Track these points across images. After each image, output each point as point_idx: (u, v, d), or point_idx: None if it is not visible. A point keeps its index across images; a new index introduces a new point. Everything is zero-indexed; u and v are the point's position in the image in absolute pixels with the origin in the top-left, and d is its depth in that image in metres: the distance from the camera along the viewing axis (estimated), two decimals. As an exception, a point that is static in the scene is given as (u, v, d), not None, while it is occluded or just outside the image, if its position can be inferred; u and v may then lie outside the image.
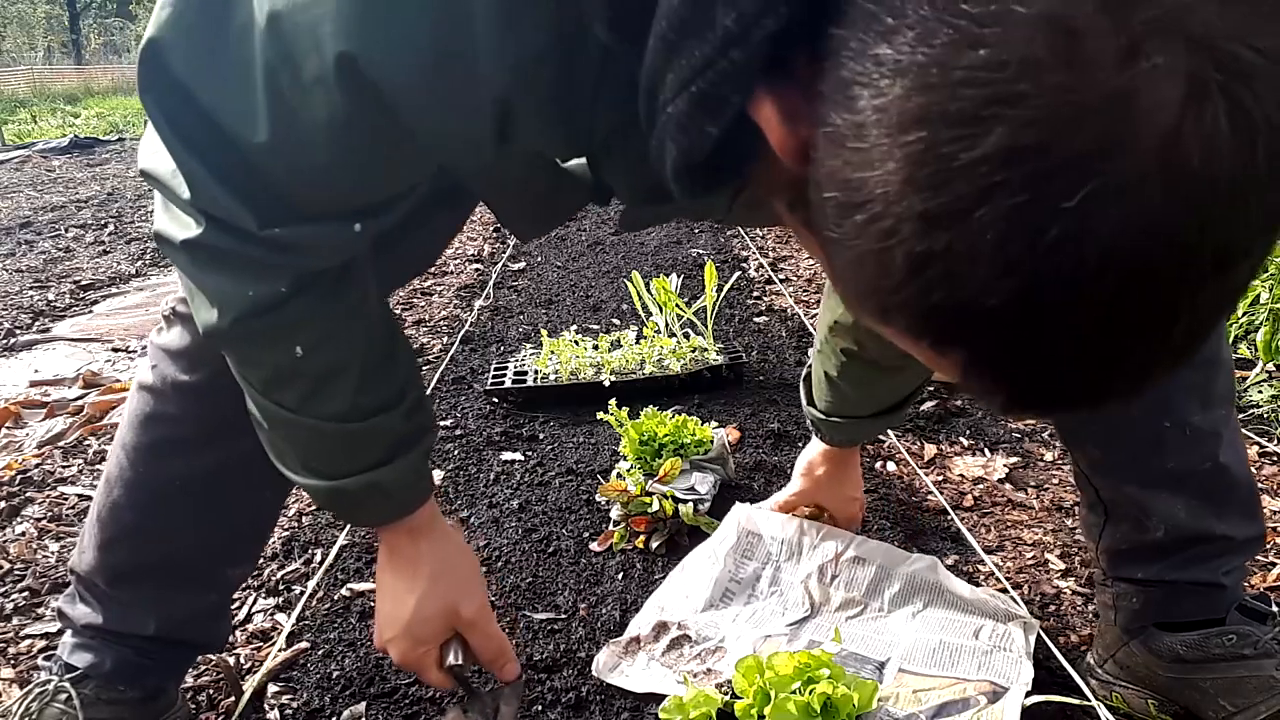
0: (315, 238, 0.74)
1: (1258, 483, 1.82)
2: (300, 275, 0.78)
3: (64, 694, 1.05)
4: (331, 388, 0.86)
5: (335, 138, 0.64)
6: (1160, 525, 1.11)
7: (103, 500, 1.08)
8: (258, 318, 0.79)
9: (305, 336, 0.82)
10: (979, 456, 1.96)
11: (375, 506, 0.95)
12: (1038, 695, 1.12)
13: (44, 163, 8.04)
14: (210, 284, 0.79)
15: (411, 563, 0.99)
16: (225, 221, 0.72)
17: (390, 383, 0.91)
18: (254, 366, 0.86)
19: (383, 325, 0.92)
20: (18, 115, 13.65)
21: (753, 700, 1.09)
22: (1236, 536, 1.11)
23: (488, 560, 1.56)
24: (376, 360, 0.90)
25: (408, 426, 0.93)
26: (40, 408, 2.41)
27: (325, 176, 0.69)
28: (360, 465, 0.91)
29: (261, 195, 0.69)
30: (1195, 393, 1.08)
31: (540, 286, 3.47)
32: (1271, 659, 1.08)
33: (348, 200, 0.74)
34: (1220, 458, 1.09)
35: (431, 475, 1.01)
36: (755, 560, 1.42)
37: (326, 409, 0.86)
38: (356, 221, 0.74)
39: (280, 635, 1.37)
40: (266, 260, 0.75)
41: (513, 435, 2.09)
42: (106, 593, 1.09)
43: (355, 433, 0.88)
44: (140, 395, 1.06)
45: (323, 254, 0.78)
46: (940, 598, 1.32)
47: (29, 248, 4.50)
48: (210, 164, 0.68)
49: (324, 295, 0.82)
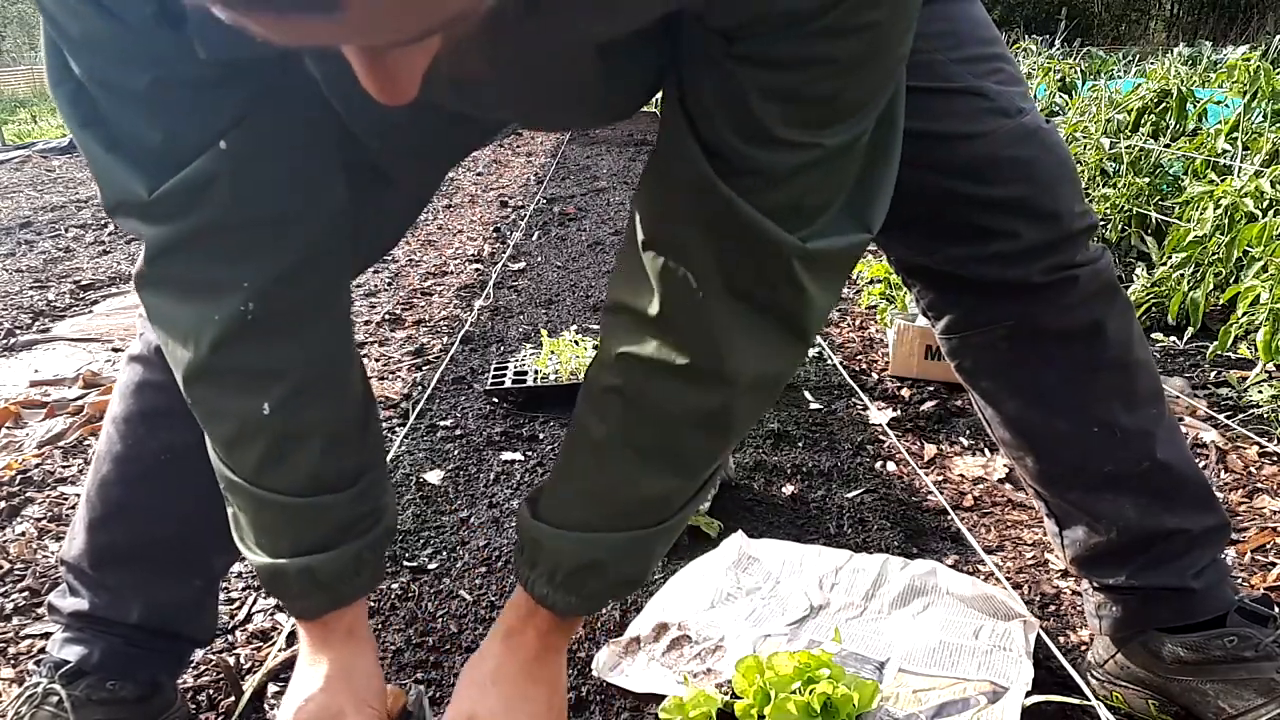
0: (197, 177, 0.72)
1: (1259, 481, 1.82)
2: (252, 288, 0.78)
3: (55, 696, 1.04)
4: (292, 454, 0.85)
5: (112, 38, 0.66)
6: (1111, 527, 1.11)
7: (92, 480, 1.10)
8: (231, 347, 0.79)
9: (277, 391, 0.82)
10: (979, 456, 1.96)
11: (305, 595, 0.90)
12: (1038, 695, 1.12)
13: (44, 163, 8.04)
14: (176, 316, 0.81)
15: (315, 662, 0.92)
16: (128, 204, 0.74)
17: (349, 460, 0.89)
18: (220, 419, 0.85)
19: (358, 397, 0.91)
20: (18, 115, 13.66)
21: (753, 700, 1.09)
22: (1192, 529, 1.11)
23: (488, 560, 1.56)
24: (342, 432, 0.88)
25: (356, 511, 0.90)
26: (40, 408, 2.41)
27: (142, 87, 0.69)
28: (300, 547, 0.88)
29: (133, 154, 0.72)
30: (1118, 396, 1.09)
31: (540, 286, 3.47)
32: (1272, 661, 1.08)
33: (179, 123, 0.72)
34: (1158, 455, 1.09)
35: (377, 572, 0.95)
36: (754, 576, 1.42)
37: (281, 480, 0.85)
38: (219, 139, 0.72)
39: (280, 635, 1.37)
40: (187, 242, 0.76)
41: (513, 435, 2.09)
42: (92, 577, 1.09)
43: (300, 509, 0.86)
44: (129, 367, 1.08)
45: (221, 200, 0.75)
46: (940, 599, 1.32)
47: (29, 248, 4.49)
48: (99, 139, 0.72)
49: (294, 332, 0.81)
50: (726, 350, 0.76)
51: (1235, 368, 2.38)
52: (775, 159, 0.69)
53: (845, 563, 1.42)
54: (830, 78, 0.66)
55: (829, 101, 0.67)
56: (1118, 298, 1.09)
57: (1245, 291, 2.13)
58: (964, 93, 0.98)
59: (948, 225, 1.04)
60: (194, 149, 0.72)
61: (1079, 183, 1.07)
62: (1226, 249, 2.35)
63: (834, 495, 1.78)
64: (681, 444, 0.82)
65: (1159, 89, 3.17)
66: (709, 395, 0.79)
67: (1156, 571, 1.12)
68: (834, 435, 2.06)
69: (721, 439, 0.84)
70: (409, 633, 1.37)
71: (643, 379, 0.79)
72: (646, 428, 0.81)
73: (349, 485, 0.89)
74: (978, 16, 1.03)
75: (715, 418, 0.81)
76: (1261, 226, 2.19)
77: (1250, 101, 2.84)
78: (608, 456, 0.83)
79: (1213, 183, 2.54)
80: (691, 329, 0.76)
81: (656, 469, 0.83)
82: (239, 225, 0.76)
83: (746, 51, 0.65)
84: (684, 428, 0.81)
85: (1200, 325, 2.46)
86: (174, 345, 0.82)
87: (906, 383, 2.38)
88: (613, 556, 0.86)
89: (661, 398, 0.79)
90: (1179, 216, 2.70)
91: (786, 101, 0.66)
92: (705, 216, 0.72)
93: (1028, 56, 5.02)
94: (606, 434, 0.83)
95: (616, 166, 6.54)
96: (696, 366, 0.77)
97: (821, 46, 0.63)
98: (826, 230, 0.74)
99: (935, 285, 1.12)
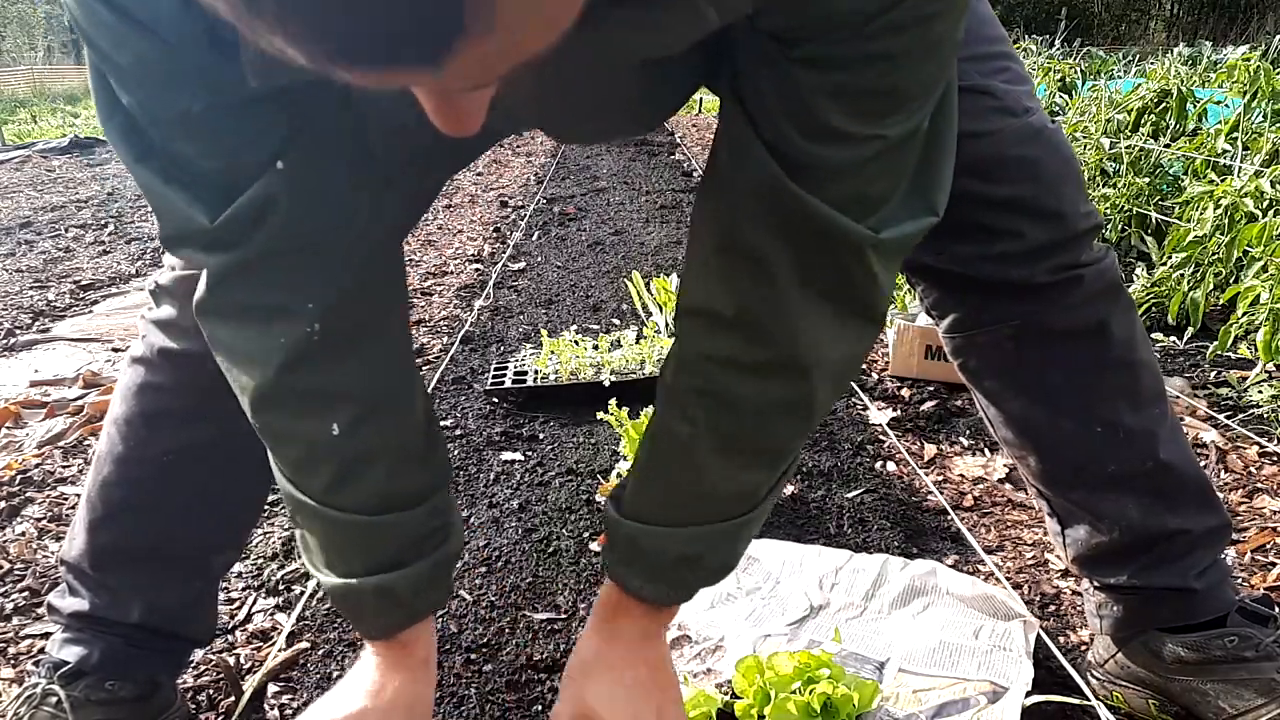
0: (257, 201, 0.71)
1: (1259, 481, 1.82)
2: (317, 310, 0.77)
3: (53, 697, 1.04)
4: (362, 474, 0.84)
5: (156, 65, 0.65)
6: (1114, 527, 1.11)
7: (93, 480, 1.09)
8: (298, 370, 0.78)
9: (345, 412, 0.81)
10: (979, 456, 1.96)
11: (378, 612, 0.90)
12: (1038, 695, 1.12)
13: (44, 163, 8.03)
14: (240, 342, 0.80)
15: (381, 681, 0.91)
16: (189, 235, 0.73)
17: (418, 477, 0.89)
18: (289, 443, 0.84)
19: (422, 413, 0.90)
20: (18, 115, 13.64)
21: (753, 700, 1.09)
22: (1194, 529, 1.11)
23: (488, 560, 1.56)
24: (410, 449, 0.88)
25: (427, 527, 0.90)
26: (40, 408, 2.41)
27: (194, 121, 0.68)
28: (373, 565, 0.87)
29: (191, 183, 0.71)
30: (1122, 395, 1.09)
31: (540, 286, 3.47)
32: (1272, 662, 1.08)
33: (235, 148, 0.71)
34: (1161, 455, 1.09)
35: (447, 587, 0.94)
36: (754, 576, 1.42)
37: (352, 499, 0.84)
38: (276, 160, 0.71)
39: (280, 635, 1.37)
40: (250, 268, 0.75)
41: (513, 435, 2.09)
42: (93, 578, 1.09)
43: (372, 527, 0.86)
44: (131, 369, 1.08)
45: (281, 221, 0.74)
46: (940, 599, 1.32)
47: (29, 248, 4.49)
48: (156, 171, 0.71)
49: (358, 351, 0.81)
50: (806, 343, 0.78)
51: (1235, 368, 2.38)
52: (839, 154, 0.70)
53: (845, 563, 1.42)
54: (891, 72, 0.66)
55: (889, 94, 0.67)
56: (1122, 297, 1.09)
57: (1245, 291, 2.13)
58: (971, 91, 0.98)
59: (952, 224, 1.04)
60: (252, 172, 0.71)
61: (1084, 183, 1.07)
62: (1226, 249, 2.35)
63: (834, 495, 1.78)
64: (767, 437, 0.84)
65: (1159, 89, 3.17)
66: (791, 387, 0.80)
67: (1158, 571, 1.12)
68: (834, 435, 2.06)
69: (805, 425, 0.86)
70: (409, 633, 1.37)
71: (726, 379, 0.80)
72: (733, 425, 0.82)
73: (419, 502, 0.88)
74: (985, 14, 1.03)
75: (798, 407, 0.82)
76: (1261, 226, 2.19)
77: (1250, 101, 2.84)
78: (696, 455, 0.84)
79: (1213, 183, 2.54)
80: (770, 326, 0.77)
81: (744, 463, 0.85)
82: (300, 246, 0.75)
83: (807, 54, 0.65)
84: (769, 421, 0.82)
85: (1200, 325, 2.46)
86: (238, 372, 0.81)
87: (906, 383, 2.38)
88: (708, 548, 0.88)
89: (746, 394, 0.80)
90: (1179, 216, 2.70)
91: (848, 97, 0.67)
92: (777, 216, 0.72)
93: (1028, 56, 5.03)
94: (692, 434, 0.84)
95: (616, 166, 6.54)
96: (778, 362, 0.79)
97: (882, 43, 0.63)
98: (894, 218, 0.74)
99: (940, 284, 1.12)
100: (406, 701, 0.91)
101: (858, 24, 0.62)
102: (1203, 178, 2.71)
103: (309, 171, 0.73)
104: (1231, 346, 2.25)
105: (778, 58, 0.66)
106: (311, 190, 0.74)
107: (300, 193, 0.73)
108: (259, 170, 0.71)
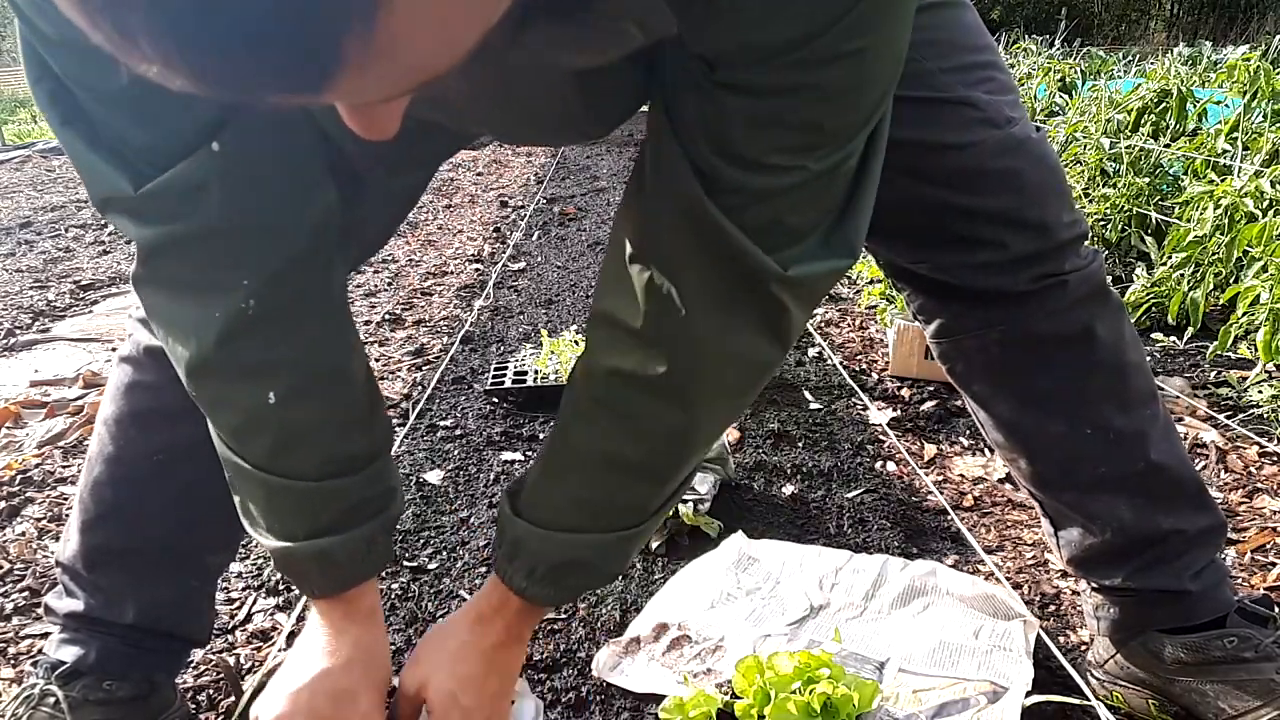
0: (188, 180, 0.72)
1: (1259, 481, 1.82)
2: (251, 287, 0.77)
3: (51, 697, 1.04)
4: (302, 441, 0.85)
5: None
6: (1106, 528, 1.11)
7: (85, 481, 1.09)
8: (234, 343, 0.79)
9: (281, 381, 0.82)
10: (979, 456, 1.96)
11: (320, 575, 0.91)
12: (1038, 695, 1.12)
13: (44, 163, 8.03)
14: (175, 314, 0.81)
15: (334, 638, 0.92)
16: (116, 201, 0.73)
17: (359, 445, 0.90)
18: (226, 409, 0.85)
19: (362, 384, 0.91)
20: (18, 115, 13.64)
21: (753, 700, 1.09)
22: (1188, 529, 1.11)
23: (488, 560, 1.56)
24: (350, 419, 0.88)
25: (368, 493, 0.91)
26: (40, 408, 2.41)
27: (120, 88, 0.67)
28: (313, 530, 0.88)
29: (116, 150, 0.71)
30: (1111, 398, 1.09)
31: (540, 286, 3.47)
32: (1271, 662, 1.08)
33: (164, 123, 0.71)
34: (1152, 456, 1.09)
35: (387, 552, 0.95)
36: (754, 576, 1.42)
37: (292, 466, 0.85)
38: (209, 141, 0.71)
39: (280, 635, 1.37)
40: (182, 243, 0.75)
41: (513, 435, 2.09)
42: (87, 579, 1.09)
43: (312, 493, 0.87)
44: (120, 368, 1.08)
45: (214, 202, 0.74)
46: (940, 599, 1.32)
47: (29, 248, 4.49)
48: (81, 136, 0.71)
49: (293, 327, 0.81)
50: (704, 368, 0.78)
51: (1235, 368, 2.38)
52: (759, 180, 0.69)
53: (845, 563, 1.42)
54: (814, 105, 0.65)
55: (814, 128, 0.66)
56: (1109, 300, 1.09)
57: (1245, 291, 2.13)
58: (954, 103, 0.98)
59: (935, 234, 1.04)
60: (181, 149, 0.71)
61: (1068, 192, 1.07)
62: (1226, 249, 2.35)
63: (834, 495, 1.78)
64: (659, 455, 0.84)
65: (1159, 89, 3.17)
66: (682, 414, 0.81)
67: (1153, 573, 1.12)
68: (834, 435, 2.06)
69: (690, 451, 0.86)
70: (409, 633, 1.37)
71: (626, 392, 0.80)
72: (628, 441, 0.83)
73: (360, 469, 0.89)
74: (970, 23, 1.02)
75: (685, 434, 0.83)
76: (1261, 226, 2.19)
77: (1250, 101, 2.84)
78: (592, 465, 0.85)
79: (1213, 183, 2.54)
80: (671, 345, 0.77)
81: (637, 477, 0.85)
82: (234, 228, 0.76)
83: (728, 79, 0.64)
84: (657, 442, 0.83)
85: (1200, 325, 2.46)
86: (174, 342, 0.82)
87: (906, 383, 2.38)
88: (595, 555, 0.88)
89: (638, 413, 0.81)
90: (1179, 216, 2.70)
91: (770, 127, 0.66)
92: (693, 234, 0.72)
93: (1028, 56, 5.02)
94: (590, 444, 0.84)
95: (616, 166, 6.54)
96: (674, 385, 0.78)
97: (804, 75, 0.63)
98: (810, 254, 0.73)
99: (924, 290, 1.12)
100: (364, 653, 0.92)
101: (781, 52, 0.61)
102: (1203, 178, 2.71)
103: (243, 155, 0.73)
104: (1231, 346, 2.25)
105: (702, 80, 0.65)
106: (247, 175, 0.74)
107: (235, 177, 0.73)
108: (188, 149, 0.71)
